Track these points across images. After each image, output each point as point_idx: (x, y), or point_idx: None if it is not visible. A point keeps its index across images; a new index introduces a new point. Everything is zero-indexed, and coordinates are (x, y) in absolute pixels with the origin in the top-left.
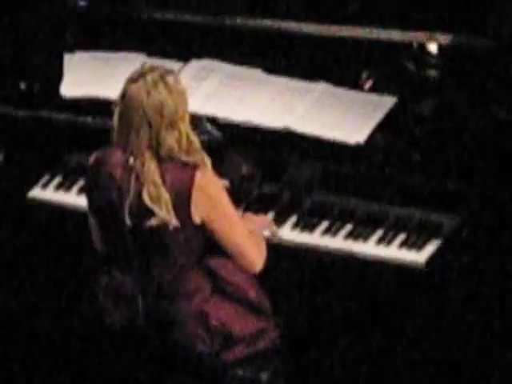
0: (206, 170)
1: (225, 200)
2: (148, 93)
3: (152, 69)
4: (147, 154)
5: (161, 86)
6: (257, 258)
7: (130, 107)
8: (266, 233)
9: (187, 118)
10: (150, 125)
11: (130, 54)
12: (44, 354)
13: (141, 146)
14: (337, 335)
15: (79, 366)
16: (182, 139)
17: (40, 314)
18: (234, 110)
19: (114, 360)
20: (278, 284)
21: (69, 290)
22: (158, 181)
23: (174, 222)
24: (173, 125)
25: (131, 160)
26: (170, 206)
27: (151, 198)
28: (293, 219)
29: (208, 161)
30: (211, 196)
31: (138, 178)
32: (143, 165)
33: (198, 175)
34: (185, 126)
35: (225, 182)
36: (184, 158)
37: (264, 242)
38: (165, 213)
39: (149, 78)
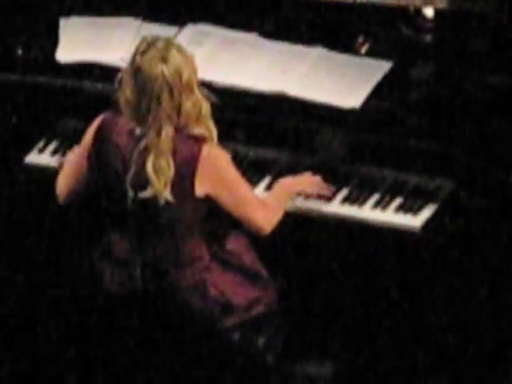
0: (214, 142)
1: (232, 172)
2: (164, 59)
3: (156, 38)
4: (165, 125)
5: (173, 51)
6: (264, 225)
7: (148, 78)
8: (316, 190)
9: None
10: (171, 92)
11: (125, 19)
12: (42, 318)
13: (161, 117)
14: (333, 299)
15: (76, 330)
16: (197, 104)
17: (36, 278)
18: (230, 75)
19: (111, 325)
20: (274, 249)
21: (65, 254)
22: (169, 153)
23: (167, 196)
24: (191, 88)
25: (138, 130)
26: (169, 181)
27: (154, 169)
28: None
29: (215, 129)
30: (217, 169)
31: (145, 148)
32: (159, 135)
33: (205, 148)
34: (198, 90)
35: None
36: (196, 130)
37: (281, 208)
38: (162, 186)
39: (159, 45)
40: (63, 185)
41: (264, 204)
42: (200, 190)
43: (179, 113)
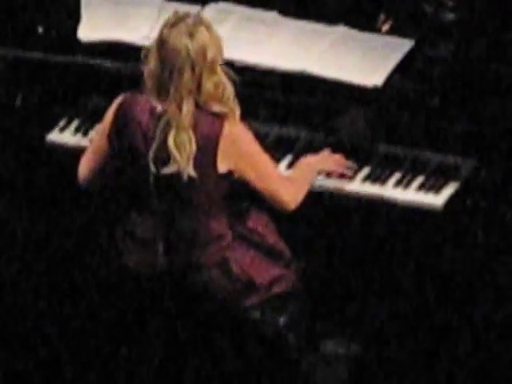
0: (235, 120)
1: (255, 148)
2: (191, 35)
3: (187, 14)
4: (186, 99)
5: (202, 28)
6: (289, 200)
7: (173, 51)
8: (338, 168)
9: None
10: (193, 67)
11: None
12: (64, 299)
13: (181, 90)
14: (354, 279)
15: (98, 308)
16: (219, 85)
17: (58, 257)
18: (251, 53)
19: (133, 304)
20: (297, 227)
21: (87, 233)
22: (189, 127)
23: (190, 171)
24: (214, 68)
25: (159, 108)
26: (191, 156)
27: (176, 143)
28: None
29: (237, 109)
30: (239, 146)
31: (167, 123)
32: (180, 109)
33: (227, 125)
34: (221, 72)
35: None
36: (216, 107)
37: (305, 184)
38: (184, 161)
39: (189, 21)
40: (84, 166)
41: (288, 179)
42: (222, 166)
43: (200, 90)
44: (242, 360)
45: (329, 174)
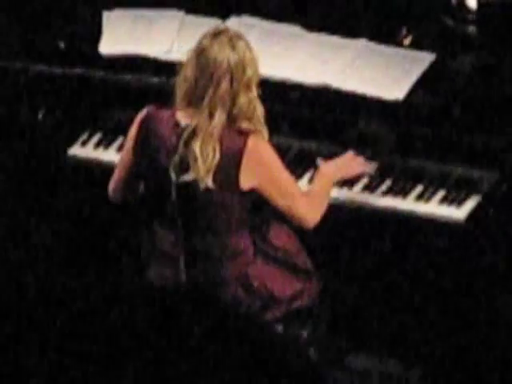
0: (259, 136)
1: (276, 166)
2: (233, 47)
3: (227, 29)
4: (219, 110)
5: (242, 43)
6: (309, 218)
7: (213, 60)
8: (364, 169)
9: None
10: (231, 80)
11: (168, 12)
12: (84, 311)
13: (216, 101)
14: (376, 291)
15: (119, 321)
16: (251, 103)
17: (82, 270)
18: (273, 67)
19: (154, 318)
20: (318, 240)
21: (109, 246)
22: (217, 139)
23: (208, 182)
24: (249, 86)
25: (183, 122)
26: (212, 167)
27: (201, 151)
28: None
29: (265, 132)
30: (262, 162)
31: (193, 133)
32: (210, 119)
33: (250, 141)
34: (256, 93)
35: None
36: (244, 124)
37: (325, 201)
38: (204, 171)
39: (230, 33)
40: (113, 178)
41: (308, 197)
42: (245, 182)
43: (234, 104)
44: (263, 374)
45: (352, 182)
